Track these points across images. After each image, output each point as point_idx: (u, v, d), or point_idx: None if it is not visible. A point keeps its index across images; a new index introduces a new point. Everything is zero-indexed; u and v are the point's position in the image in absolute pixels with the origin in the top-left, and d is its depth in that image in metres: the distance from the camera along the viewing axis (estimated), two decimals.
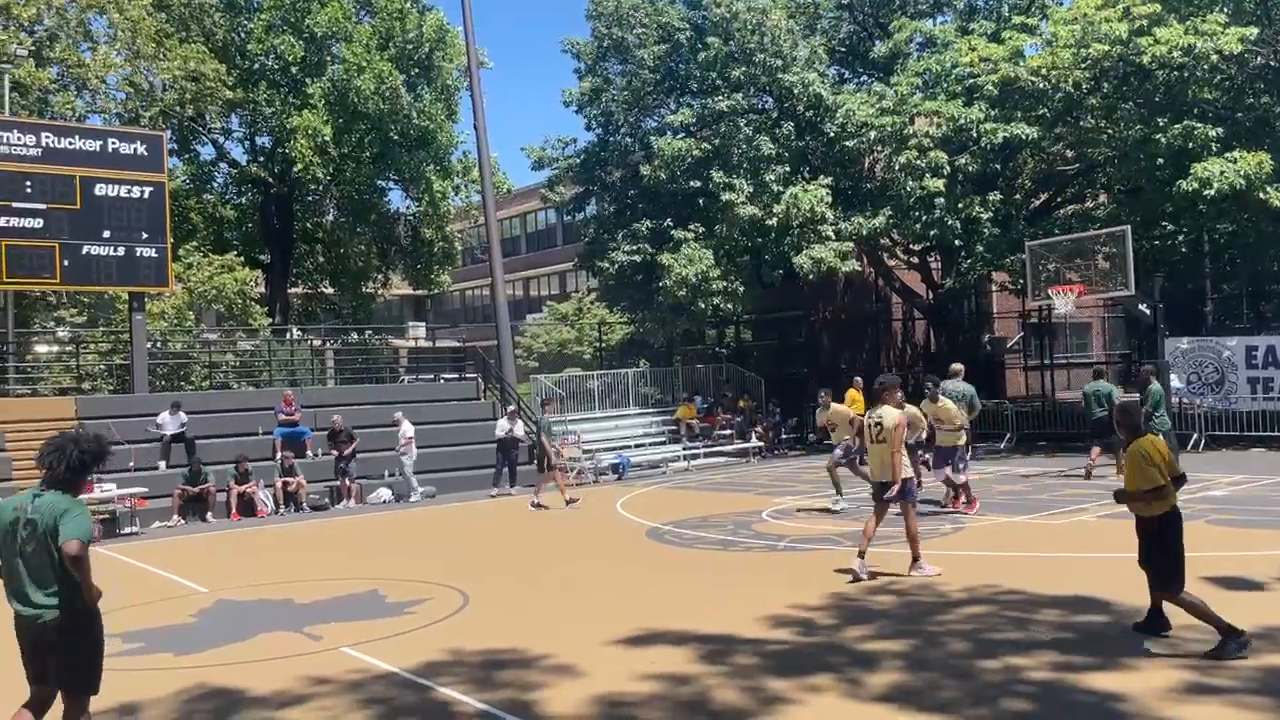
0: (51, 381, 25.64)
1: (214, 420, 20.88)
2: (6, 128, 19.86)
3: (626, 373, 29.58)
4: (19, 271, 19.64)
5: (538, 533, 15.25)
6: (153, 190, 21.02)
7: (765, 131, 26.80)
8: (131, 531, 17.26)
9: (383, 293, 38.67)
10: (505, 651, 7.83)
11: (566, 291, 50.19)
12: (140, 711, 6.78)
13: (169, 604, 10.64)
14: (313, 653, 8.21)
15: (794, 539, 12.85)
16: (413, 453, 20.51)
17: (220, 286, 27.78)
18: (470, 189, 34.21)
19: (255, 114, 31.43)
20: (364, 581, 11.29)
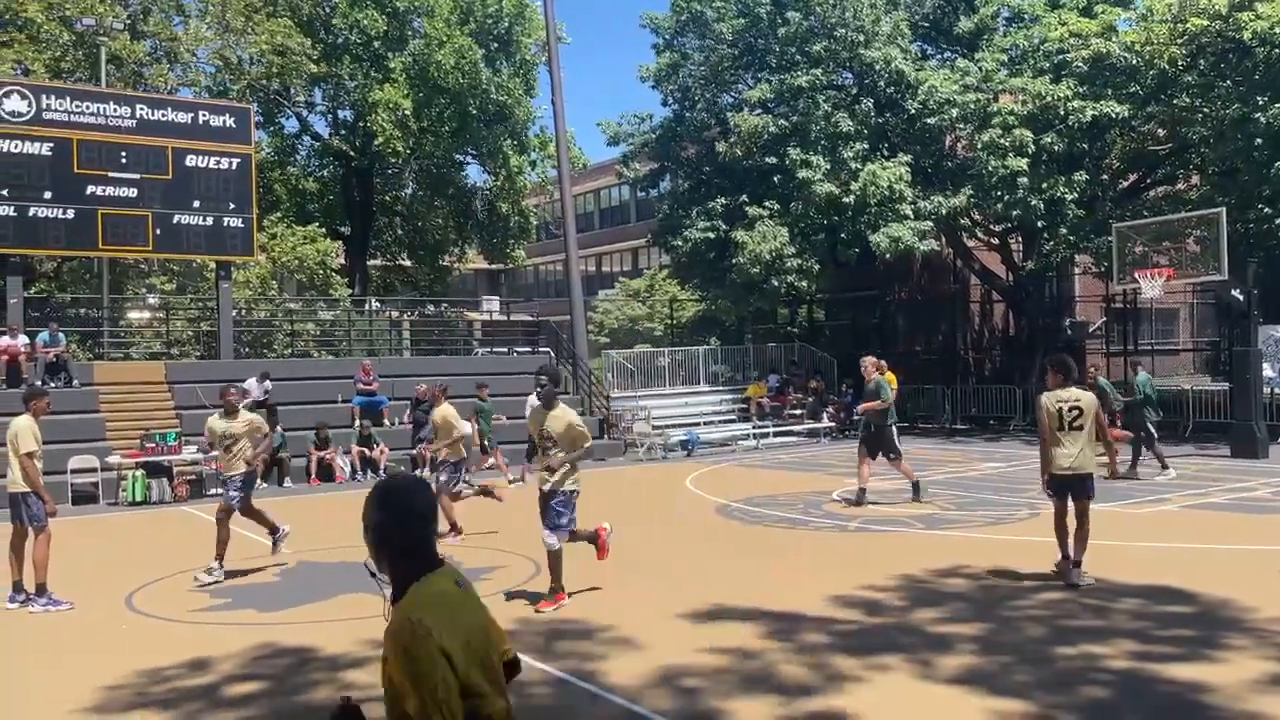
0: (143, 346, 26.57)
1: (295, 387, 21.44)
2: (104, 99, 20.52)
3: (697, 350, 29.58)
4: (114, 239, 20.33)
5: (608, 506, 15.34)
6: (240, 162, 21.56)
7: (844, 108, 26.43)
8: (217, 492, 17.80)
9: (458, 266, 39.15)
10: (572, 621, 7.95)
11: (639, 268, 50.22)
12: (214, 666, 7.03)
13: (255, 563, 11.00)
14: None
15: (865, 520, 12.77)
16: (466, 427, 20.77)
17: (302, 257, 28.43)
18: (546, 164, 34.40)
19: (338, 88, 31.99)
20: (441, 547, 11.50)
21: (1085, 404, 8.71)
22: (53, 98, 19.71)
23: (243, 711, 6.07)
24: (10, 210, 19.09)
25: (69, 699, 6.29)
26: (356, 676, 6.66)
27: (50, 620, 8.67)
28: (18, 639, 8.09)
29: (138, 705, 6.21)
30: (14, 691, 6.62)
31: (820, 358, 30.14)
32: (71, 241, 20.17)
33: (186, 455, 17.70)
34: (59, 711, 6.10)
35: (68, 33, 25.01)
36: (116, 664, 7.02)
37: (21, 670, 7.17)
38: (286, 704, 6.19)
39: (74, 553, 12.34)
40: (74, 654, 7.54)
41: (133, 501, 16.79)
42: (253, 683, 6.65)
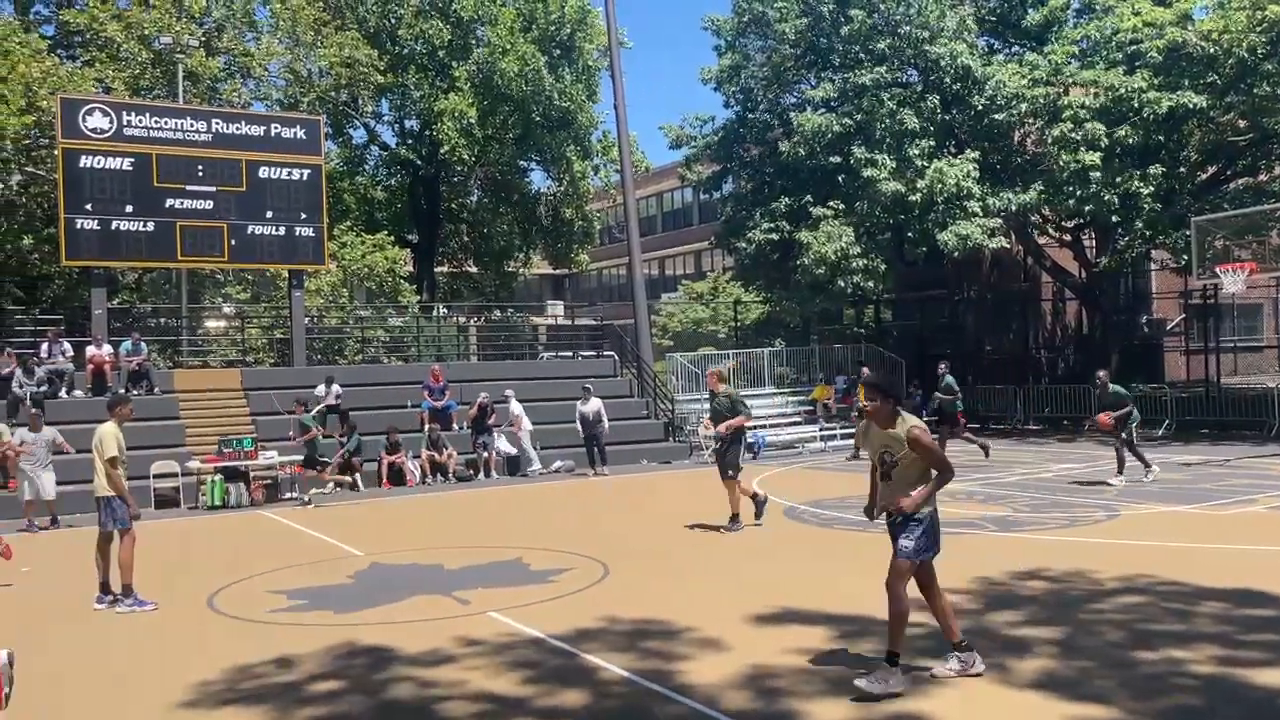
0: (220, 354, 27.29)
1: (366, 393, 21.83)
2: (180, 115, 21.15)
3: (762, 352, 29.44)
4: (192, 250, 20.92)
5: (674, 508, 15.39)
6: (310, 173, 22.04)
7: (910, 105, 26.09)
8: (291, 497, 18.24)
9: (523, 271, 39.52)
10: (646, 622, 7.96)
11: (702, 270, 50.17)
12: (298, 665, 7.19)
13: (328, 565, 11.23)
14: (461, 616, 8.53)
15: None
16: (528, 424, 20.98)
17: (372, 265, 28.94)
18: (609, 168, 34.58)
19: (404, 98, 32.54)
20: (508, 550, 11.65)
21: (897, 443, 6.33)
22: (133, 114, 20.37)
23: (328, 707, 6.19)
24: (95, 224, 19.77)
25: (164, 695, 6.48)
26: (434, 675, 6.75)
27: (137, 620, 8.94)
28: (109, 638, 8.35)
29: (229, 700, 6.38)
30: (111, 688, 6.84)
31: (888, 358, 29.78)
32: (152, 253, 20.80)
33: (262, 460, 18.12)
34: (156, 706, 6.29)
35: (146, 51, 25.82)
36: (204, 662, 7.22)
37: (116, 668, 7.40)
38: (369, 701, 6.30)
39: (157, 555, 12.72)
40: (162, 652, 7.76)
41: (211, 505, 17.24)
42: (334, 681, 6.78)
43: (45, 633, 8.59)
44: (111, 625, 8.78)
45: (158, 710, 6.23)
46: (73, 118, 19.61)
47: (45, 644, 8.18)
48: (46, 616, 9.24)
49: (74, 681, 7.05)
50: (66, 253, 19.97)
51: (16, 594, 10.45)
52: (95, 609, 9.29)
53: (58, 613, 9.36)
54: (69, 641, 8.27)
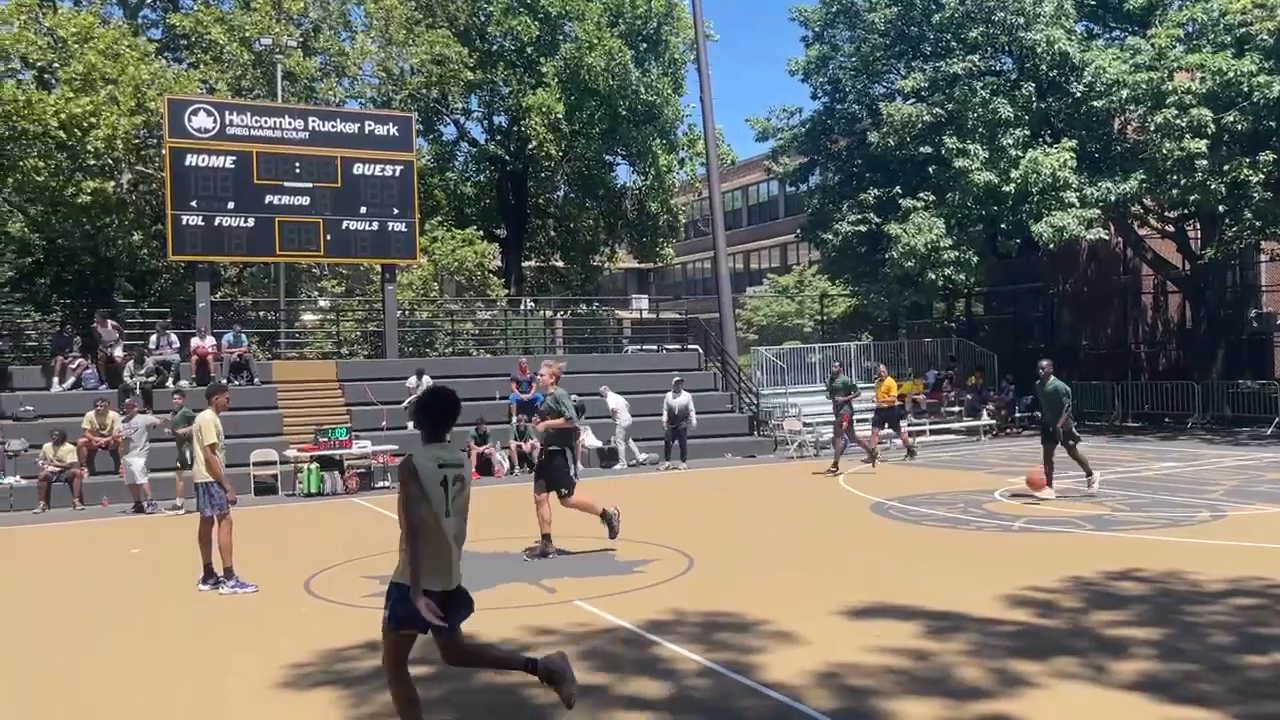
0: (315, 346, 28.08)
1: (455, 385, 22.13)
2: (279, 114, 21.80)
3: (849, 346, 29.08)
4: (290, 245, 21.56)
5: (761, 503, 15.35)
6: (402, 169, 22.51)
7: (1003, 94, 25.44)
8: (384, 485, 18.68)
9: (609, 265, 39.74)
10: (728, 615, 7.95)
11: (788, 264, 49.75)
12: (379, 650, 7.33)
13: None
14: (548, 604, 8.65)
15: (1030, 520, 12.28)
16: (626, 419, 21.05)
17: (461, 259, 29.45)
18: (695, 162, 34.54)
19: (493, 94, 33.01)
20: (595, 540, 11.73)
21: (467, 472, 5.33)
22: (234, 114, 21.08)
23: (419, 692, 6.33)
24: (199, 220, 20.52)
25: (261, 676, 6.72)
26: None
27: (238, 602, 9.28)
28: (211, 620, 8.68)
29: (322, 683, 6.57)
30: (211, 669, 7.11)
31: (980, 353, 29.15)
32: (252, 248, 21.50)
33: (356, 450, 18.60)
34: (253, 687, 6.52)
35: (248, 52, 26.66)
36: (299, 645, 7.45)
37: (217, 649, 7.69)
38: (456, 686, 6.43)
39: (256, 540, 13.16)
40: (261, 634, 8.04)
41: (308, 493, 17.76)
42: (423, 666, 6.91)
43: (153, 614, 8.97)
44: (214, 607, 9.12)
45: (254, 690, 6.46)
46: (179, 118, 20.38)
47: (154, 625, 8.55)
48: (153, 598, 9.64)
49: (179, 662, 7.35)
50: (173, 248, 20.78)
51: (127, 575, 10.93)
52: (200, 590, 9.66)
53: (164, 594, 9.77)
54: (174, 623, 8.62)
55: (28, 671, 7.18)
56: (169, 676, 6.91)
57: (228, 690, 6.47)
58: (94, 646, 7.83)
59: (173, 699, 6.37)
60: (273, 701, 6.23)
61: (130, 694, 6.53)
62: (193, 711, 6.06)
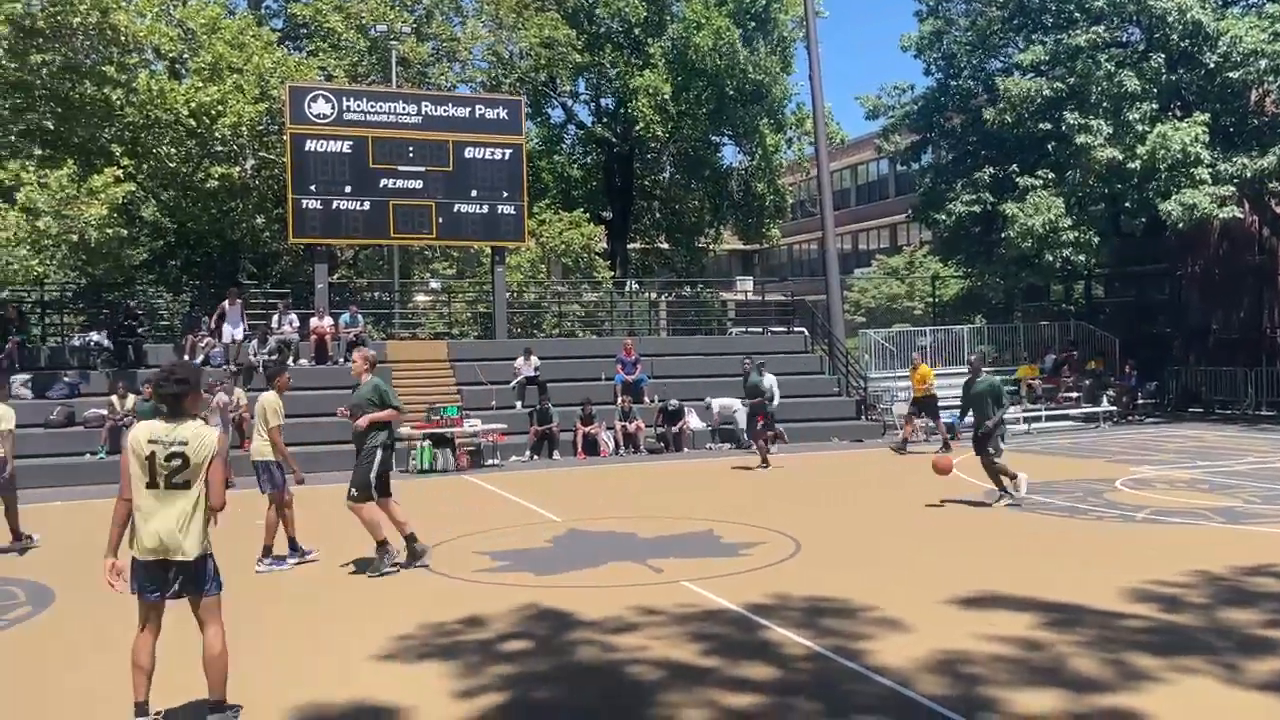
0: (428, 327, 28.77)
1: (562, 366, 22.50)
2: (394, 99, 22.32)
3: (961, 329, 28.32)
4: (403, 228, 22.11)
5: (869, 488, 15.12)
6: (512, 152, 22.81)
7: (1130, 66, 24.33)
8: (493, 463, 19.07)
9: (714, 247, 39.58)
10: (835, 600, 7.86)
11: (897, 244, 48.73)
12: (489, 622, 7.50)
13: (529, 529, 11.68)
14: (654, 583, 8.69)
15: (1155, 510, 11.79)
16: (777, 401, 20.85)
17: (568, 241, 29.73)
18: (803, 141, 34.08)
19: (600, 76, 33.11)
20: (701, 522, 11.76)
21: (194, 449, 5.24)
22: (351, 99, 21.67)
23: (514, 666, 6.44)
24: (318, 204, 21.20)
25: (367, 647, 6.92)
26: (626, 640, 6.91)
27: (355, 574, 9.57)
28: (323, 590, 8.99)
29: (424, 656, 6.73)
30: (322, 639, 7.36)
31: (1100, 337, 28.05)
32: (368, 231, 22.11)
33: (467, 428, 19.00)
34: (358, 658, 6.71)
35: (363, 39, 27.37)
36: (405, 617, 7.65)
37: (328, 619, 7.96)
38: (553, 662, 6.51)
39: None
40: (372, 605, 8.28)
41: (421, 470, 18.23)
42: (523, 640, 7.05)
43: (267, 581, 9.34)
44: (328, 578, 9.44)
45: (358, 661, 6.63)
46: (299, 104, 21.07)
47: (266, 592, 8.90)
48: (254, 573, 10.02)
49: (290, 631, 7.63)
50: (294, 231, 21.54)
51: (243, 547, 11.40)
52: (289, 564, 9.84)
53: (269, 571, 10.16)
54: (288, 591, 8.96)
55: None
56: (280, 645, 7.19)
57: (329, 663, 6.67)
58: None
59: (284, 668, 6.62)
60: (382, 673, 6.40)
61: (242, 660, 6.81)
62: (305, 680, 6.28)
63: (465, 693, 5.92)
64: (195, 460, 5.23)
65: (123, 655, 5.45)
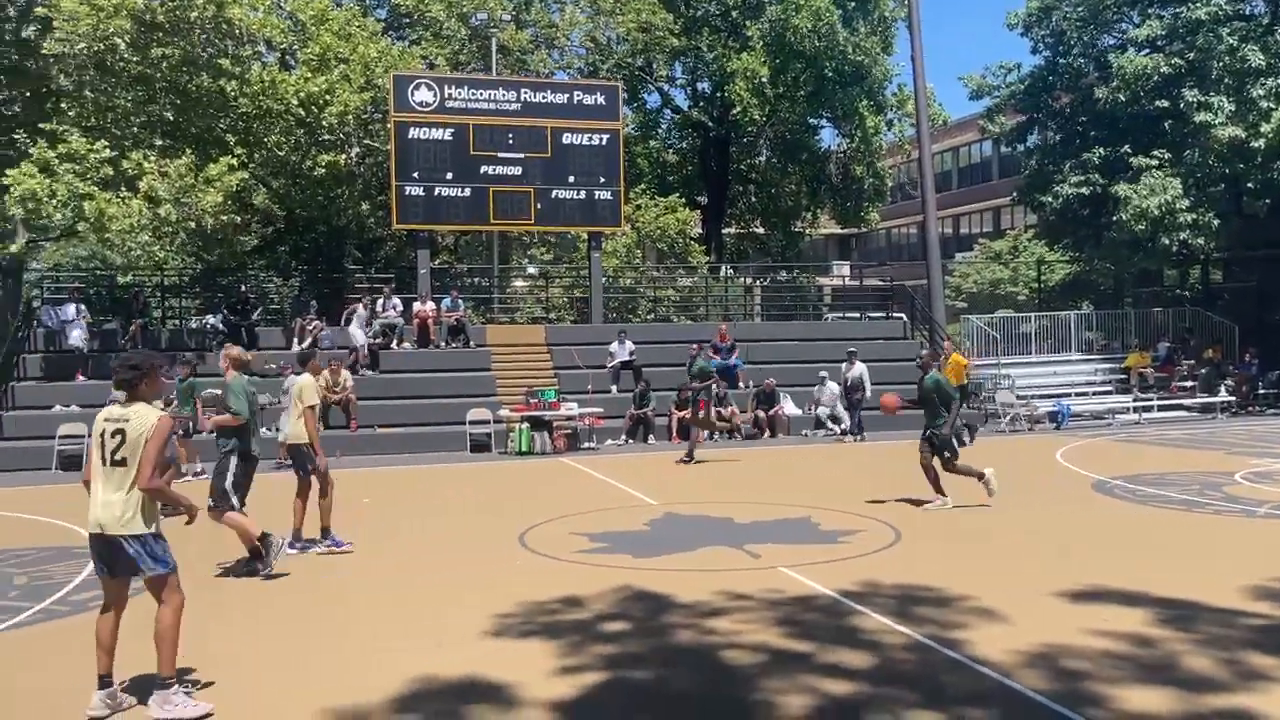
0: (525, 311, 29.17)
1: (657, 350, 22.58)
2: (494, 86, 22.65)
3: (1067, 315, 27.48)
4: (502, 214, 22.46)
5: (969, 479, 14.80)
6: (609, 138, 22.93)
7: (1254, 40, 23.16)
8: (589, 446, 19.29)
9: (810, 231, 39.14)
10: (937, 590, 7.74)
11: (1000, 228, 47.45)
12: (588, 603, 7.61)
13: (625, 512, 11.79)
14: (751, 568, 8.69)
15: (1277, 505, 11.28)
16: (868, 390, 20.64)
17: (663, 226, 29.75)
18: (904, 123, 33.40)
19: (697, 60, 32.99)
20: (797, 508, 11.70)
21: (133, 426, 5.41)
22: (452, 88, 22.07)
23: (613, 647, 6.52)
24: (420, 190, 21.67)
25: (470, 624, 7.08)
26: (723, 624, 6.94)
27: (457, 552, 9.80)
28: (426, 566, 9.23)
29: (525, 634, 6.86)
30: (424, 616, 7.55)
31: (1217, 324, 26.88)
32: (468, 216, 22.54)
33: (564, 411, 19.25)
34: (463, 634, 6.88)
35: (464, 28, 27.81)
36: (507, 596, 7.79)
37: (431, 596, 8.18)
38: (651, 644, 6.56)
39: (474, 495, 13.91)
40: (474, 584, 8.46)
41: (519, 451, 18.55)
42: (621, 622, 7.14)
43: (370, 554, 9.64)
44: (427, 556, 9.69)
45: (463, 638, 6.80)
46: (403, 93, 21.55)
47: (371, 567, 9.19)
48: (373, 542, 10.35)
49: (395, 605, 7.87)
50: (397, 217, 22.08)
51: (359, 521, 11.78)
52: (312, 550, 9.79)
53: (383, 539, 10.48)
54: (391, 566, 9.23)
55: (283, 605, 7.90)
56: (386, 618, 7.41)
57: (433, 639, 6.85)
58: (334, 585, 8.50)
59: (388, 641, 6.82)
60: (487, 649, 6.56)
61: (353, 631, 7.06)
62: (415, 653, 6.47)
63: (566, 670, 6.03)
64: (131, 437, 5.35)
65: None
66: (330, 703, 5.52)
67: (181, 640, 5.47)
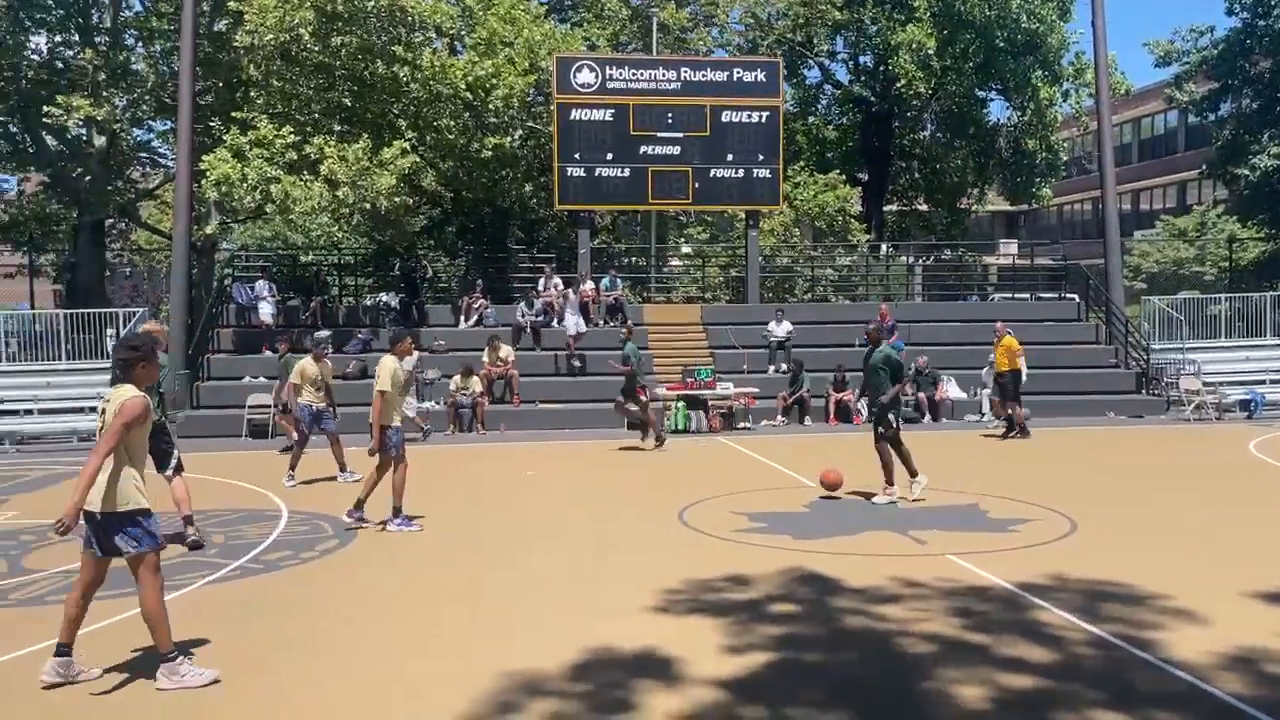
0: (681, 290, 29.27)
1: (814, 331, 22.27)
2: (654, 66, 22.73)
3: (1262, 297, 25.51)
4: (660, 194, 22.56)
5: (1152, 467, 14.03)
6: (768, 115, 22.68)
7: None
8: (745, 426, 19.23)
9: (976, 208, 37.71)
10: (1119, 585, 7.37)
11: (1186, 204, 44.45)
12: (756, 584, 7.59)
13: (784, 493, 11.72)
14: (917, 555, 8.49)
15: None
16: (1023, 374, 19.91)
17: (822, 204, 29.24)
18: (1081, 93, 31.66)
19: (860, 33, 32.18)
20: (964, 495, 11.35)
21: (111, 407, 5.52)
22: (613, 68, 22.27)
23: (781, 628, 6.49)
24: (581, 171, 22.01)
25: (634, 599, 7.19)
26: (889, 610, 6.81)
27: (614, 528, 9.96)
28: (585, 544, 9.41)
29: (694, 610, 6.92)
30: (588, 590, 7.70)
31: None
32: (627, 196, 22.77)
33: (720, 390, 19.24)
34: (627, 609, 6.98)
35: (625, 8, 27.98)
36: (671, 572, 7.87)
37: (592, 571, 8.34)
38: (820, 628, 6.50)
39: (632, 472, 14.11)
40: (636, 559, 8.58)
41: (676, 430, 18.67)
42: (788, 603, 7.10)
43: (538, 529, 9.90)
44: (591, 530, 9.88)
45: (627, 612, 6.90)
46: (565, 75, 21.89)
47: (541, 539, 9.44)
48: (541, 513, 10.63)
49: (556, 577, 8.05)
50: (559, 198, 22.50)
51: (527, 493, 12.14)
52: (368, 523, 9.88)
53: (545, 513, 10.75)
54: (556, 540, 9.45)
55: (460, 571, 8.24)
56: (554, 589, 7.61)
57: (599, 611, 6.98)
58: (503, 555, 8.80)
59: (558, 611, 7.01)
60: (656, 623, 6.64)
61: (524, 599, 7.27)
62: (587, 625, 6.62)
63: (735, 649, 6.05)
64: (108, 417, 5.48)
65: (404, 587, 5.89)
66: (507, 666, 5.72)
67: (385, 604, 5.71)
